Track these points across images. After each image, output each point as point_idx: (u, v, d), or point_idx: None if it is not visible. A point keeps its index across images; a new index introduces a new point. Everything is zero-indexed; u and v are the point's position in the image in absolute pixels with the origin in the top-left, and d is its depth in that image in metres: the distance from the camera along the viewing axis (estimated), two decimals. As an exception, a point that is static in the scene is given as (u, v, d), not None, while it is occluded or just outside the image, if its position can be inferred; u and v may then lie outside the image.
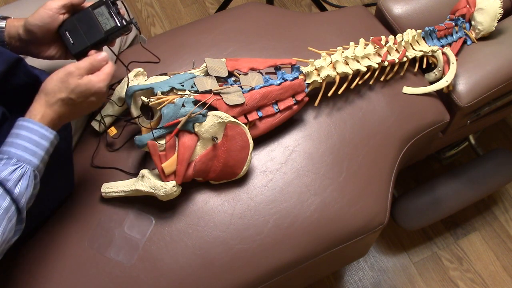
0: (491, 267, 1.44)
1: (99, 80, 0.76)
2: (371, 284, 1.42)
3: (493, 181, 1.37)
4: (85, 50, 0.84)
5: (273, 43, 1.11)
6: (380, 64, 1.03)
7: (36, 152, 0.70)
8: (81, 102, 0.75)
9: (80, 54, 0.85)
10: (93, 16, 0.84)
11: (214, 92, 0.89)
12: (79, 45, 0.84)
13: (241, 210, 0.92)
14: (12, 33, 0.83)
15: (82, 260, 0.87)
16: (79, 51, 0.84)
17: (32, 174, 0.70)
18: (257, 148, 0.98)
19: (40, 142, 0.71)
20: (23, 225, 0.72)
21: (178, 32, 1.15)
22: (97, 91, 0.76)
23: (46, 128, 0.72)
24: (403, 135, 1.03)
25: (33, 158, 0.70)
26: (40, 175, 0.73)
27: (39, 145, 0.71)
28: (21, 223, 0.71)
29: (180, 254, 0.88)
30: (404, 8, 1.18)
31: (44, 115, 0.72)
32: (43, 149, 0.71)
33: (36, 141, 0.70)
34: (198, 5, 1.97)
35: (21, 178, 0.68)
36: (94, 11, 0.84)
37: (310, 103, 1.03)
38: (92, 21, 0.83)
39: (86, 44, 0.84)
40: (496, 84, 1.09)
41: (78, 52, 0.84)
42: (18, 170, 0.68)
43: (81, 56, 0.85)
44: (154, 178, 0.87)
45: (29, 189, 0.69)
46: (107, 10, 0.84)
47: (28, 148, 0.69)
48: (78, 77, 0.74)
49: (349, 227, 0.93)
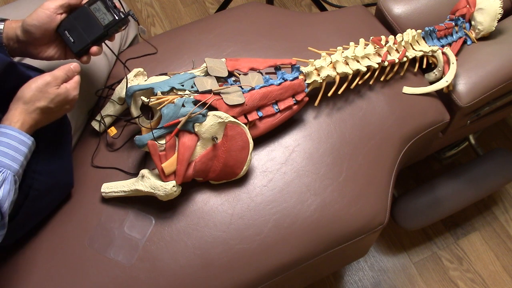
0: (491, 267, 1.44)
1: (73, 88, 0.79)
2: (371, 284, 1.42)
3: (493, 181, 1.37)
4: (86, 48, 0.85)
5: (273, 43, 1.11)
6: (380, 64, 1.03)
7: (16, 157, 0.72)
8: (58, 110, 0.78)
9: (81, 52, 0.85)
10: (90, 12, 0.84)
11: (214, 92, 0.89)
12: (80, 43, 0.84)
13: (241, 210, 0.92)
14: (10, 35, 0.83)
15: (82, 260, 0.87)
16: (80, 49, 0.84)
17: (12, 179, 0.71)
18: (257, 148, 0.98)
19: (19, 148, 0.72)
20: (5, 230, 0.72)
21: (178, 32, 1.15)
22: (73, 99, 0.79)
23: (25, 134, 0.73)
24: (403, 135, 1.03)
25: (13, 163, 0.71)
26: (19, 181, 0.74)
27: (19, 150, 0.72)
28: (3, 228, 0.72)
29: (180, 254, 0.88)
30: (404, 8, 1.18)
31: (24, 123, 0.74)
32: (22, 154, 0.73)
33: (15, 147, 0.72)
34: (198, 5, 1.97)
35: (3, 183, 0.69)
36: (90, 7, 0.84)
37: (310, 103, 1.03)
38: (90, 18, 0.83)
39: (87, 41, 0.84)
40: (496, 84, 1.09)
41: (80, 50, 0.85)
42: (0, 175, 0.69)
43: (83, 54, 0.86)
44: (154, 178, 0.87)
45: (11, 194, 0.70)
46: (103, 5, 0.84)
47: (8, 153, 0.71)
48: (56, 87, 0.77)
49: (349, 227, 0.93)
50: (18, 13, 1.02)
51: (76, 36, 0.84)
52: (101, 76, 1.03)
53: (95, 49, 0.85)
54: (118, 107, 0.98)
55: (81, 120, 0.99)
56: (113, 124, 0.99)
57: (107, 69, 1.06)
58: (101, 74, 1.03)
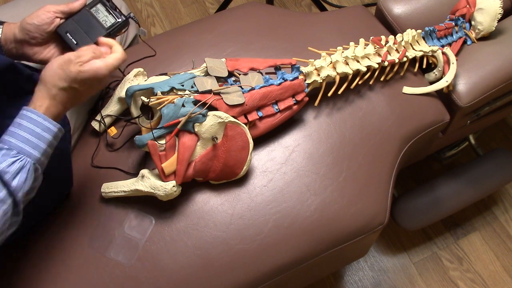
0: (491, 267, 1.44)
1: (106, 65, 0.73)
2: (371, 284, 1.42)
3: (493, 181, 1.37)
4: None
5: (273, 43, 1.11)
6: (380, 64, 1.03)
7: (38, 145, 0.69)
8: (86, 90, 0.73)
9: None
10: (91, 15, 0.84)
11: (214, 92, 0.89)
12: (83, 45, 0.84)
13: (241, 210, 0.92)
14: (8, 35, 0.82)
15: (82, 260, 0.87)
16: None
17: (32, 167, 0.68)
18: (257, 148, 0.98)
19: (43, 135, 0.69)
20: (20, 217, 0.70)
21: (178, 32, 1.15)
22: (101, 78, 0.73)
23: (50, 121, 0.70)
24: (403, 135, 1.03)
25: (34, 151, 0.68)
26: (42, 168, 0.71)
27: (42, 138, 0.69)
28: (18, 215, 0.69)
29: (180, 254, 0.88)
30: (404, 8, 1.18)
31: (49, 107, 0.70)
32: (45, 142, 0.70)
33: (38, 134, 0.69)
34: (198, 5, 1.97)
35: (20, 171, 0.67)
36: (91, 10, 0.84)
37: (310, 103, 1.03)
38: (91, 20, 0.84)
39: (90, 42, 0.84)
40: (496, 84, 1.09)
41: None
42: (18, 163, 0.67)
43: None
44: (154, 178, 0.87)
45: (27, 183, 0.68)
46: (103, 7, 0.84)
47: (30, 140, 0.68)
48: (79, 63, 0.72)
49: (349, 227, 0.93)
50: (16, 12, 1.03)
51: (78, 38, 0.84)
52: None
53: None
54: (118, 107, 0.98)
55: (81, 120, 0.99)
56: (113, 124, 0.99)
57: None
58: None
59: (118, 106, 0.98)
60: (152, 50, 1.09)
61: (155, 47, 1.10)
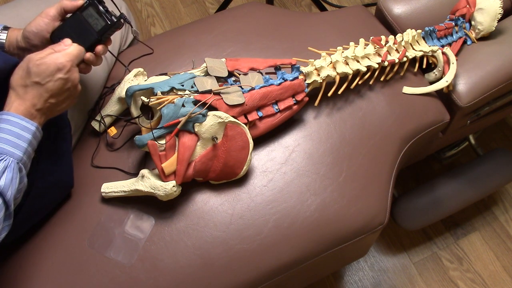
0: (491, 267, 1.44)
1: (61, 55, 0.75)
2: (371, 284, 1.42)
3: (493, 181, 1.37)
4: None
5: (273, 43, 1.11)
6: (380, 64, 1.03)
7: (19, 144, 0.70)
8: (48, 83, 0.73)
9: None
10: (83, 19, 0.83)
11: (214, 92, 0.89)
12: None
13: (241, 210, 0.92)
14: (11, 41, 0.84)
15: (82, 260, 0.87)
16: None
17: (16, 167, 0.69)
18: (257, 148, 0.98)
19: (22, 134, 0.71)
20: (11, 220, 0.71)
21: (178, 32, 1.15)
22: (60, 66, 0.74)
23: (27, 120, 0.71)
24: (403, 135, 1.03)
25: (16, 150, 0.70)
26: (25, 169, 0.72)
27: (21, 137, 0.70)
28: (9, 218, 0.70)
29: (180, 254, 0.88)
30: (404, 8, 1.18)
31: (18, 107, 0.72)
32: (25, 141, 0.71)
33: (17, 133, 0.70)
34: (198, 5, 1.98)
35: (5, 170, 0.68)
36: (82, 13, 0.83)
37: (310, 103, 1.03)
38: (82, 24, 0.83)
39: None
40: (496, 84, 1.09)
41: None
42: (1, 163, 0.68)
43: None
44: (154, 178, 0.87)
45: (14, 182, 0.69)
46: (95, 10, 0.83)
47: (10, 140, 0.69)
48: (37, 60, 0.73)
49: (349, 227, 0.93)
50: (17, 12, 1.03)
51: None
52: (100, 76, 1.04)
53: (100, 48, 0.85)
54: (118, 107, 0.98)
55: (81, 120, 0.99)
56: (113, 124, 0.99)
57: (106, 69, 1.06)
58: (100, 74, 1.03)
59: (118, 106, 0.98)
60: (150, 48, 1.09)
61: (155, 47, 1.10)
